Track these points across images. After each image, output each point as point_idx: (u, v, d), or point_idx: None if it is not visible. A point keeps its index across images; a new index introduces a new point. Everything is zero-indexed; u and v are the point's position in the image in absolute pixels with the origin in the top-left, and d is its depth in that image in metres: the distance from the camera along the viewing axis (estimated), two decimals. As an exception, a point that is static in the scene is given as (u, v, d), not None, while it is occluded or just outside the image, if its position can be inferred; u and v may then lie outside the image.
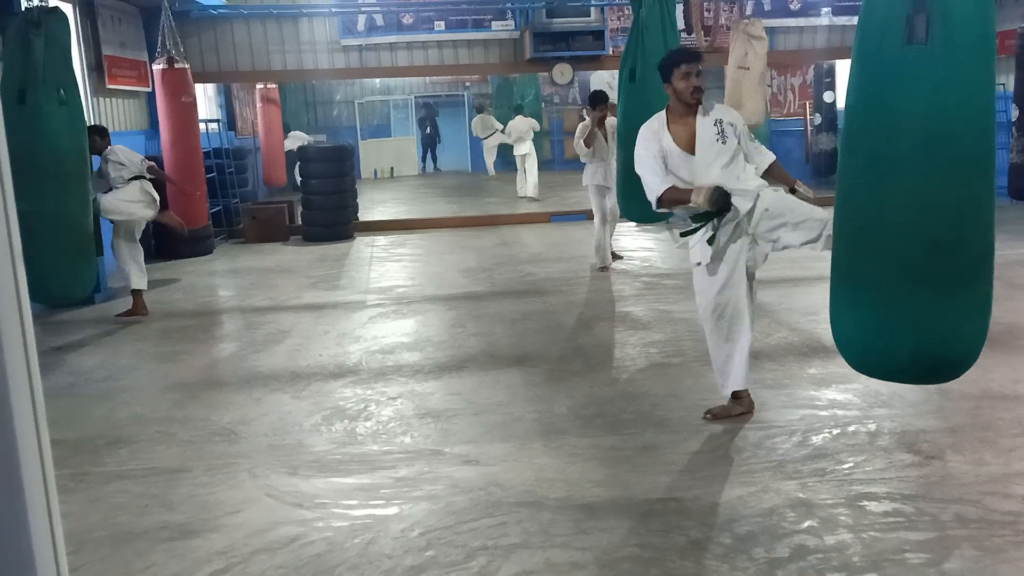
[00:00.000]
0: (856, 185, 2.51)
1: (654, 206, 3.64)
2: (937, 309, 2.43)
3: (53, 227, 5.33)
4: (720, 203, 3.44)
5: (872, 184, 2.45)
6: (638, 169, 3.68)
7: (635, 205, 6.27)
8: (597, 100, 7.08)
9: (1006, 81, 9.70)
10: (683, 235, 3.71)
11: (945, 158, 2.33)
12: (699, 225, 3.58)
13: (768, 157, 3.67)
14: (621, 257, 7.73)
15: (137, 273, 6.30)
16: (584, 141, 7.10)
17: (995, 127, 2.47)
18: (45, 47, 5.14)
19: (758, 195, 3.54)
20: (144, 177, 6.26)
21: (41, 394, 0.90)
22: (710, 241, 3.57)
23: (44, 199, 5.35)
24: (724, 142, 3.54)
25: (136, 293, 6.33)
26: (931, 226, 2.38)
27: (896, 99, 2.36)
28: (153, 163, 6.40)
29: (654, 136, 3.63)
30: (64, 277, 5.40)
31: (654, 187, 3.58)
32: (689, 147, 3.57)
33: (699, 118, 3.59)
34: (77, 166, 5.34)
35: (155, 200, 6.35)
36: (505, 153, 15.79)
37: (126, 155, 6.24)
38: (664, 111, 3.70)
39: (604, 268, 7.35)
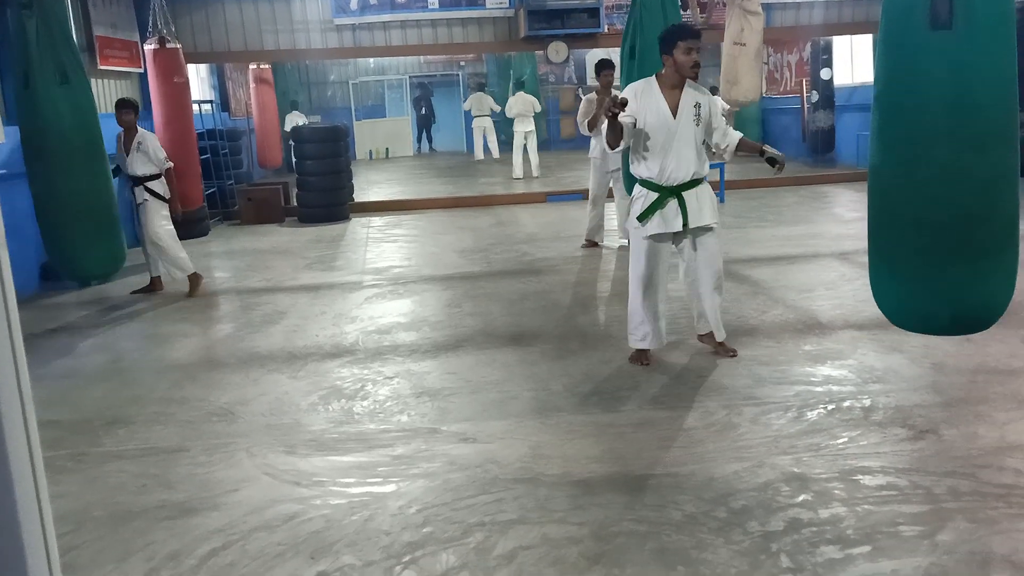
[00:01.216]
0: (890, 163, 2.66)
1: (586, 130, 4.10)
2: (973, 276, 2.62)
3: (65, 206, 5.31)
4: (608, 107, 3.70)
5: (906, 161, 2.60)
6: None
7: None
8: (603, 66, 7.03)
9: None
10: (640, 219, 3.98)
11: (973, 132, 2.49)
12: (652, 208, 3.92)
13: (735, 136, 4.01)
14: (596, 244, 7.50)
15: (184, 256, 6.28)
16: (588, 122, 7.05)
17: (1017, 100, 2.58)
18: (39, 28, 5.08)
19: (706, 190, 3.98)
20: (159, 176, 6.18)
21: (27, 376, 0.90)
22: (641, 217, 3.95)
23: (53, 180, 5.34)
24: (698, 124, 3.87)
25: (194, 275, 6.33)
26: (964, 197, 2.55)
27: (925, 81, 2.49)
28: (172, 166, 6.26)
29: (635, 97, 3.87)
30: (82, 255, 5.40)
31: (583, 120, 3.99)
32: (675, 115, 3.88)
33: (685, 91, 3.87)
34: (85, 145, 5.28)
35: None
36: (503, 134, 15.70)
37: (155, 151, 6.11)
38: (654, 77, 3.92)
39: (592, 244, 7.38)
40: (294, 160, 10.55)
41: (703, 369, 4.11)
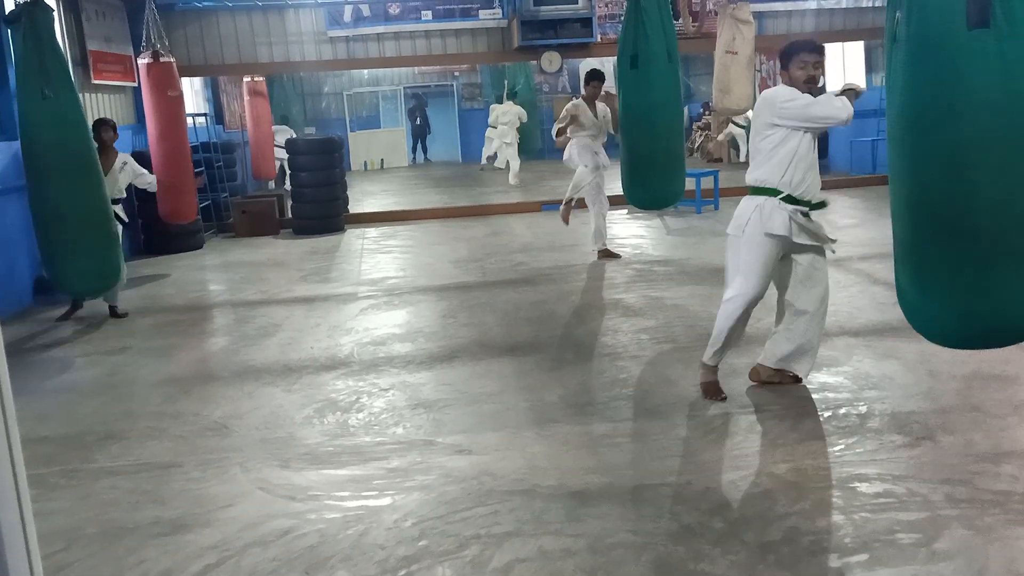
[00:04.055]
0: (941, 172, 2.52)
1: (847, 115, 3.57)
2: None
3: (52, 221, 5.28)
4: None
5: (962, 168, 2.48)
6: (827, 108, 3.55)
7: (639, 191, 6.26)
8: (592, 77, 7.02)
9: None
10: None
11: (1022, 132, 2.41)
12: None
13: None
14: (618, 256, 7.34)
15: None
16: (559, 128, 6.96)
17: None
18: (24, 42, 5.07)
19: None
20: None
21: (10, 390, 0.89)
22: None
23: (44, 193, 5.31)
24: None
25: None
26: (1018, 199, 2.46)
27: (972, 83, 2.39)
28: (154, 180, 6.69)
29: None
30: (70, 271, 5.35)
31: (845, 108, 3.54)
32: None
33: None
34: (69, 160, 5.24)
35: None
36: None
37: (140, 171, 6.38)
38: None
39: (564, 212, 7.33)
40: (288, 172, 10.55)
41: (698, 377, 4.09)
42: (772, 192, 3.59)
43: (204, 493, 3.14)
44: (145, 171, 6.58)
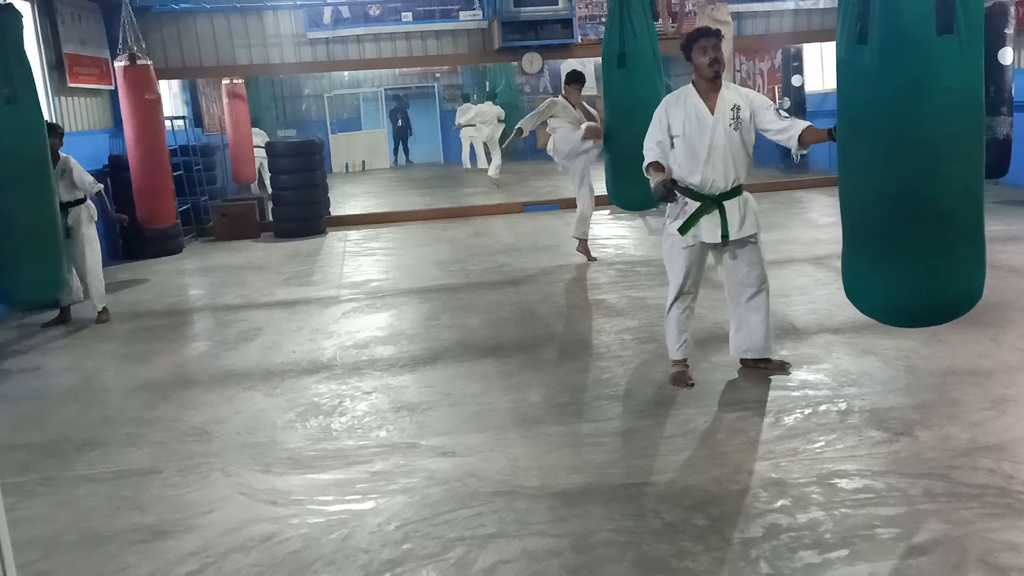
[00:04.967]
0: (916, 166, 2.71)
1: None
2: (978, 256, 2.82)
3: (3, 228, 5.18)
4: (661, 194, 3.73)
5: (935, 162, 2.69)
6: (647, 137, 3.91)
7: (627, 191, 6.21)
8: (573, 78, 7.05)
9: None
10: (681, 230, 3.81)
11: (977, 129, 2.69)
12: (694, 218, 3.78)
13: (798, 129, 3.67)
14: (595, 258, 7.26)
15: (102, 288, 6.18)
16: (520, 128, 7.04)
17: None
18: None
19: (747, 200, 3.82)
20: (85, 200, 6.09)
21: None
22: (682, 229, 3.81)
23: None
24: (736, 129, 3.73)
25: (104, 310, 6.15)
26: (976, 187, 2.74)
27: (943, 83, 2.61)
28: (102, 188, 6.22)
29: (666, 110, 3.84)
30: (17, 280, 5.23)
31: (646, 157, 3.86)
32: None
33: (721, 95, 3.77)
34: (27, 167, 5.16)
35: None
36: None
37: (79, 175, 6.00)
38: (691, 85, 3.85)
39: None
40: (268, 175, 10.48)
41: (681, 376, 4.12)
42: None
43: (185, 499, 3.12)
44: (88, 178, 6.06)
